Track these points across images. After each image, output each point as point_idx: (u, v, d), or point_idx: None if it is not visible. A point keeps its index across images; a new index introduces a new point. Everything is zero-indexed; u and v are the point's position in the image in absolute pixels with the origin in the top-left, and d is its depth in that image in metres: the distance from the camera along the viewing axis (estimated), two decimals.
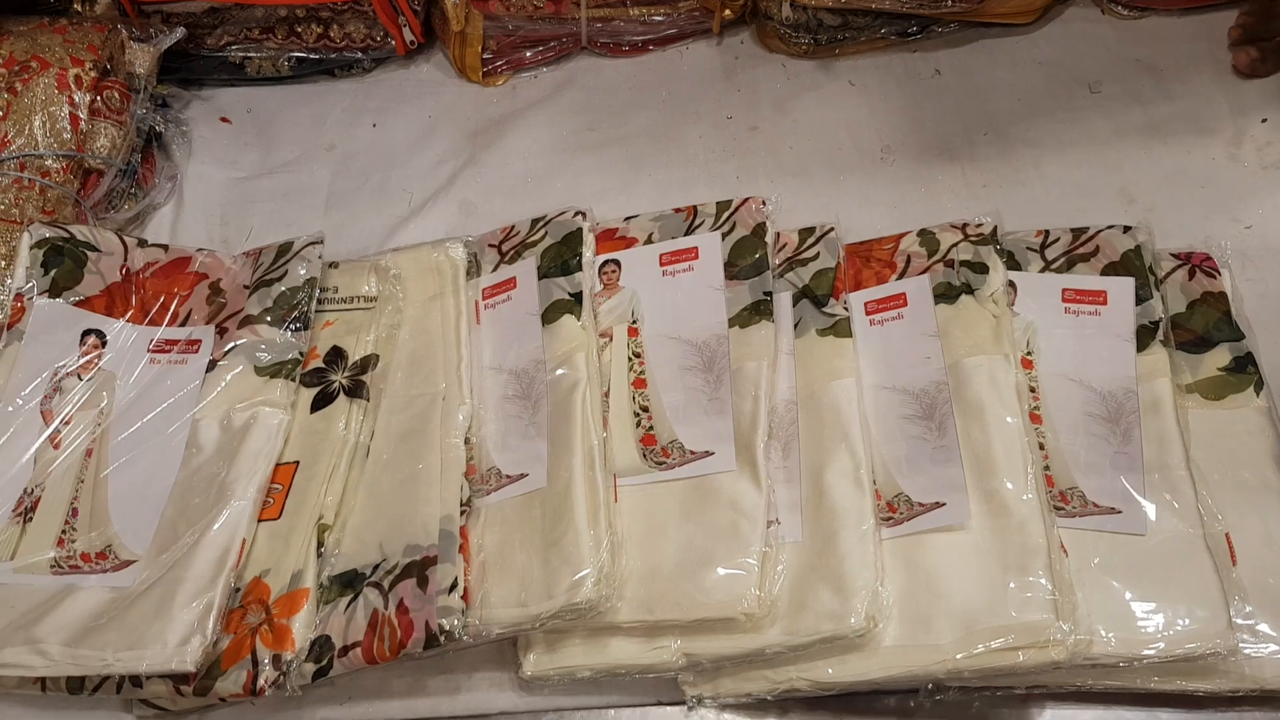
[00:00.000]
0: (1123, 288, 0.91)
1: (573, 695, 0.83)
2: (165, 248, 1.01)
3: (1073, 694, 0.79)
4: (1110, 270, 0.93)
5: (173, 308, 0.97)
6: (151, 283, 0.99)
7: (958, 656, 0.75)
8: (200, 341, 0.95)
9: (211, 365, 0.93)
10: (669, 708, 0.82)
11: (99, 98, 1.04)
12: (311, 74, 1.24)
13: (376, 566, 0.83)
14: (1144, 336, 0.89)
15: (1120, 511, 0.81)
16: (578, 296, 0.95)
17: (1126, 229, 0.94)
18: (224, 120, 1.22)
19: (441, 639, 0.78)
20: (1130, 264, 0.92)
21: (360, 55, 1.21)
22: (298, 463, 0.88)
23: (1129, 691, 0.78)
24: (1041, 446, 0.85)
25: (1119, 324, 0.90)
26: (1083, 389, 0.88)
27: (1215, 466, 0.84)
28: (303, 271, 0.96)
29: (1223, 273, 0.93)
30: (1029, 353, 0.90)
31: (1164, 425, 0.84)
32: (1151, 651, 0.75)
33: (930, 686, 0.78)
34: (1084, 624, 0.76)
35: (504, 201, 1.12)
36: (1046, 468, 0.84)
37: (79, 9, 1.14)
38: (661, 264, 0.98)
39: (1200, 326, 0.91)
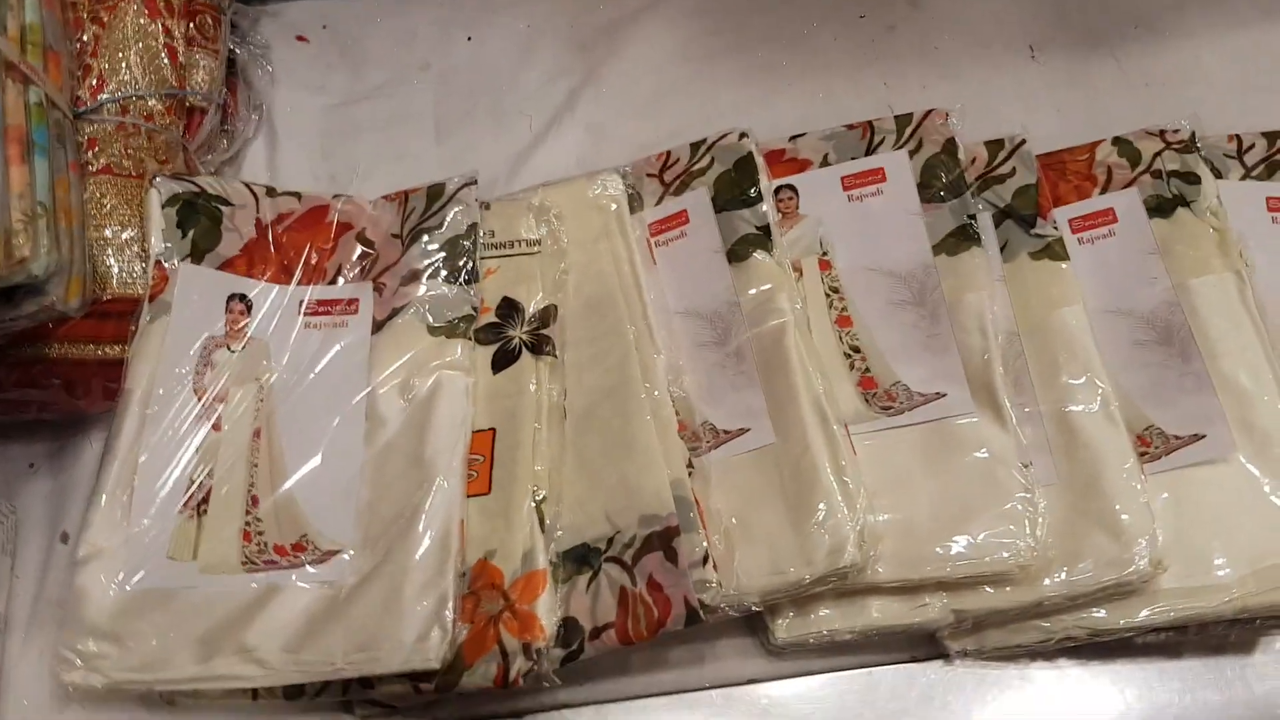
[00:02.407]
0: None
1: (824, 658, 0.79)
2: (298, 196, 0.89)
3: None
4: None
5: (319, 264, 0.87)
6: (289, 236, 0.87)
7: (1250, 595, 0.73)
8: (358, 300, 0.85)
9: (377, 327, 0.84)
10: (926, 663, 0.80)
11: (192, 24, 0.91)
12: None
13: (611, 540, 0.77)
14: None
15: None
16: (765, 230, 0.87)
17: None
18: (300, 39, 1.08)
19: (702, 613, 0.73)
20: None
21: None
22: (494, 429, 0.81)
23: None
24: None
25: None
26: None
27: None
28: (462, 216, 0.87)
29: None
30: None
31: None
32: None
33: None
34: None
35: (637, 122, 1.02)
36: None
37: None
38: (845, 188, 0.91)
39: None
